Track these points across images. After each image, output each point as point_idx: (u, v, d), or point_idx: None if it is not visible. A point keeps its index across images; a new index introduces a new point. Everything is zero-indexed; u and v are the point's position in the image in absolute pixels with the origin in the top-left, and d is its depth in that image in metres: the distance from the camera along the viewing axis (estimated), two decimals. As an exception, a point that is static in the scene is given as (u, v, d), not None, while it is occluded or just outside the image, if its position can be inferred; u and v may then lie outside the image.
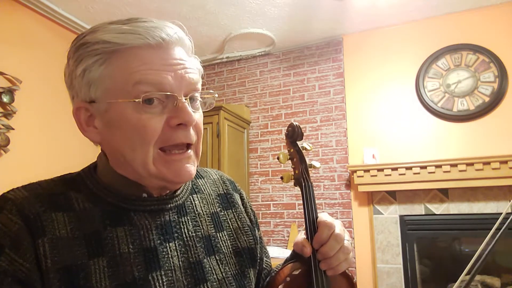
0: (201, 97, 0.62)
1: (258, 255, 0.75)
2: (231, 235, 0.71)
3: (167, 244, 0.60)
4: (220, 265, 0.65)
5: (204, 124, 2.63)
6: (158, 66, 0.55)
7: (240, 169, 3.15)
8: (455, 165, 2.49)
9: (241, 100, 3.45)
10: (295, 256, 0.69)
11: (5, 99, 2.37)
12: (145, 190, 0.61)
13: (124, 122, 0.55)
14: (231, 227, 0.72)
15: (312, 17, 2.87)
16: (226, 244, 0.69)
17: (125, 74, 0.54)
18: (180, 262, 0.60)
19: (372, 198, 2.82)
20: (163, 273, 0.57)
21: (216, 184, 0.76)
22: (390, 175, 2.65)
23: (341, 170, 2.98)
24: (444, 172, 2.51)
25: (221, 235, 0.69)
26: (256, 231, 0.78)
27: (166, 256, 0.59)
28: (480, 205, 2.54)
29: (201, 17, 2.86)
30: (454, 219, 2.60)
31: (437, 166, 2.53)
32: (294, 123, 0.71)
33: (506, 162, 2.38)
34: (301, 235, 0.68)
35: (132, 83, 0.54)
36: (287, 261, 0.72)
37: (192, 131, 0.59)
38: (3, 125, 2.34)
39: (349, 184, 2.93)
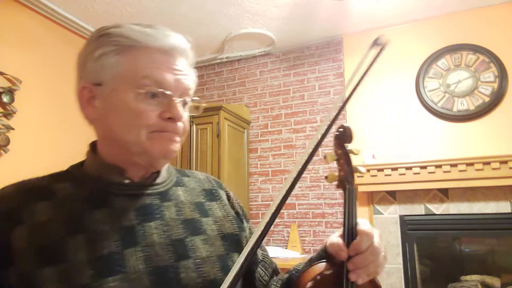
0: (191, 103, 0.71)
1: (245, 243, 0.76)
2: (216, 221, 0.74)
3: (147, 224, 0.64)
4: (205, 245, 0.68)
5: (204, 124, 2.64)
6: (164, 68, 0.64)
7: (240, 169, 3.15)
8: (455, 165, 2.49)
9: (241, 100, 3.45)
10: (324, 257, 0.69)
11: (5, 99, 2.37)
12: (127, 177, 0.68)
13: (124, 106, 0.63)
14: (216, 214, 0.75)
15: (312, 17, 2.87)
16: (211, 228, 0.72)
17: (136, 67, 0.63)
18: (162, 239, 0.64)
19: (372, 198, 2.82)
20: (139, 248, 0.61)
21: (202, 182, 0.82)
22: (390, 175, 2.65)
23: (341, 170, 2.97)
24: (444, 172, 2.51)
25: (206, 220, 0.72)
26: (245, 222, 0.82)
27: (145, 234, 0.63)
28: (480, 205, 2.54)
29: (201, 17, 2.86)
30: (454, 219, 2.59)
31: (437, 166, 2.53)
32: (346, 125, 0.71)
33: (506, 162, 2.38)
34: (337, 237, 0.67)
35: (140, 76, 0.63)
36: (313, 259, 0.71)
37: (180, 124, 0.67)
38: (3, 125, 2.35)
39: (349, 184, 2.93)
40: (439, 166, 2.53)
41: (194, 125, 3.01)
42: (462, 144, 2.64)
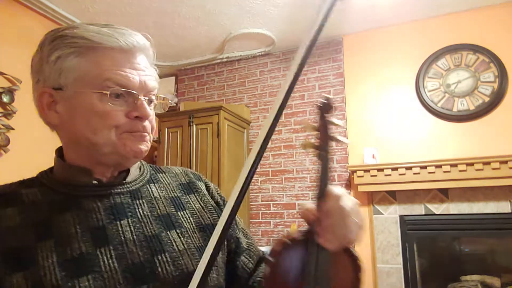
0: (156, 101, 0.71)
1: (231, 233, 0.77)
2: (194, 213, 0.74)
3: (118, 222, 0.64)
4: (182, 238, 0.67)
5: (204, 124, 2.65)
6: (126, 69, 0.64)
7: (240, 169, 3.15)
8: (455, 165, 2.49)
9: (241, 100, 3.45)
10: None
11: (5, 99, 2.37)
12: (95, 178, 0.67)
13: (89, 109, 0.62)
14: (194, 207, 0.75)
15: (312, 17, 2.86)
16: (189, 220, 0.71)
17: (98, 69, 0.62)
18: (135, 236, 0.63)
19: (372, 198, 2.82)
20: (111, 247, 0.61)
21: (178, 177, 0.81)
22: (390, 175, 2.65)
23: (341, 170, 2.98)
24: (444, 172, 2.51)
25: (182, 213, 0.72)
26: None
27: (116, 232, 0.63)
28: (480, 205, 2.54)
29: (201, 17, 2.86)
30: (454, 219, 2.59)
31: (437, 166, 2.53)
32: (328, 96, 0.72)
33: (506, 162, 2.38)
34: (309, 204, 0.66)
35: (102, 79, 0.62)
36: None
37: (147, 123, 0.67)
38: (3, 125, 2.35)
39: (349, 184, 2.93)
40: (439, 166, 2.53)
41: (194, 125, 3.01)
42: (462, 144, 2.64)
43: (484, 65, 2.67)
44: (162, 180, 0.77)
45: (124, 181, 0.70)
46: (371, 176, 2.69)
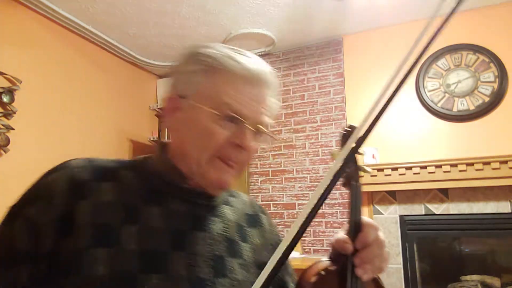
0: (263, 135, 0.71)
1: (279, 275, 0.77)
2: (254, 248, 0.74)
3: (196, 232, 0.66)
4: (241, 269, 0.68)
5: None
6: (245, 98, 0.66)
7: (240, 169, 3.15)
8: (455, 165, 2.49)
9: (241, 100, 3.44)
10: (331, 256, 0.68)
11: (5, 99, 2.37)
12: (187, 182, 0.68)
13: (197, 124, 0.65)
14: (254, 242, 0.75)
15: (312, 17, 2.87)
16: (248, 254, 0.72)
17: (218, 91, 0.65)
18: (205, 251, 0.65)
19: (372, 198, 2.82)
20: (185, 255, 0.62)
21: (245, 205, 0.82)
22: (390, 175, 2.65)
23: (341, 170, 2.97)
24: (444, 172, 2.51)
25: (244, 245, 0.73)
26: None
27: (192, 241, 0.64)
28: (480, 205, 2.54)
29: (201, 17, 2.86)
30: (454, 219, 2.59)
31: (437, 166, 2.53)
32: (354, 125, 0.71)
33: (506, 162, 2.38)
34: (342, 234, 0.67)
35: (220, 101, 0.65)
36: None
37: (244, 154, 0.67)
38: (3, 125, 2.35)
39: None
40: (439, 166, 2.52)
41: (194, 125, 3.01)
42: (462, 144, 2.64)
43: (484, 65, 2.67)
44: (233, 204, 0.78)
45: (209, 195, 0.71)
46: (371, 176, 2.69)
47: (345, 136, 0.73)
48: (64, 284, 0.55)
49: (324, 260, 0.68)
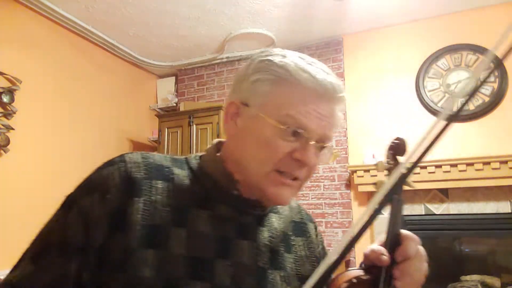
0: (326, 151, 0.69)
1: None
2: (297, 260, 0.72)
3: (241, 241, 0.64)
4: (283, 283, 0.67)
5: (204, 124, 2.64)
6: (312, 112, 0.62)
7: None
8: (455, 165, 2.49)
9: (241, 100, 3.44)
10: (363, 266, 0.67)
11: (5, 99, 2.37)
12: (238, 189, 0.67)
13: (260, 135, 0.63)
14: (299, 253, 0.74)
15: (312, 17, 2.87)
16: (291, 266, 0.70)
17: (284, 103, 0.62)
18: (249, 262, 0.63)
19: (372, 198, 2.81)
20: (229, 263, 0.61)
21: (293, 211, 0.79)
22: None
23: (341, 170, 2.98)
24: (444, 172, 2.51)
25: (288, 256, 0.71)
26: None
27: (237, 250, 0.63)
28: (480, 205, 2.54)
29: (201, 17, 2.86)
30: (454, 219, 2.59)
31: (437, 166, 2.53)
32: (401, 138, 0.70)
33: (506, 162, 2.38)
34: (378, 245, 0.65)
35: (285, 113, 0.62)
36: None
37: (305, 170, 0.65)
38: (3, 125, 2.35)
39: (349, 184, 2.93)
40: (439, 166, 2.53)
41: (194, 125, 3.01)
42: (462, 144, 2.64)
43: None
44: (281, 211, 0.76)
45: (257, 204, 0.68)
46: (371, 176, 2.69)
47: (392, 148, 0.71)
48: (109, 280, 0.55)
49: (355, 268, 0.67)
